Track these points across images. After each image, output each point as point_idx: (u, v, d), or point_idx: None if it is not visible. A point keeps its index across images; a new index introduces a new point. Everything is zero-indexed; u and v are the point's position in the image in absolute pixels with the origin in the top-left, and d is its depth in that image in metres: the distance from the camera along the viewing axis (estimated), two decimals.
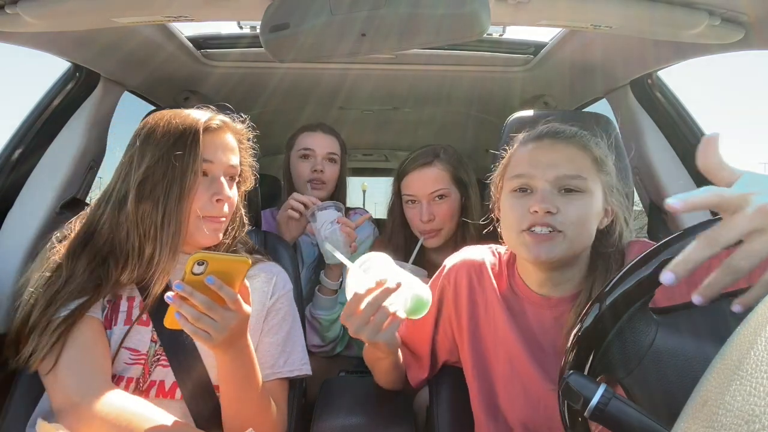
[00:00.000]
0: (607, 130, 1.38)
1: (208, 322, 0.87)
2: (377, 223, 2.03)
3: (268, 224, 1.91)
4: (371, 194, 7.34)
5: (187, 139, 1.02)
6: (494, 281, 1.08)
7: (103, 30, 1.34)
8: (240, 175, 1.14)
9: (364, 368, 1.25)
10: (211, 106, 1.16)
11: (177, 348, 1.03)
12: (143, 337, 1.05)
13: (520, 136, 1.06)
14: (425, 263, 1.69)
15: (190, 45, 1.81)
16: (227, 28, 1.95)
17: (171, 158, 1.01)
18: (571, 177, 0.94)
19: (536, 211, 0.93)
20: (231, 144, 1.10)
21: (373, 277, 0.93)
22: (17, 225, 1.47)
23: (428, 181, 1.59)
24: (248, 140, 1.17)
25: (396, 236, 1.71)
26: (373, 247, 1.81)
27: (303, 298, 1.40)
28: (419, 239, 1.62)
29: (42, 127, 1.56)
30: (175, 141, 1.02)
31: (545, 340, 1.02)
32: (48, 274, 1.02)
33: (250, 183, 1.19)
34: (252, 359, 0.99)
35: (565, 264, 0.99)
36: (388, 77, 2.06)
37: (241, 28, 1.88)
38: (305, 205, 1.61)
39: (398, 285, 0.92)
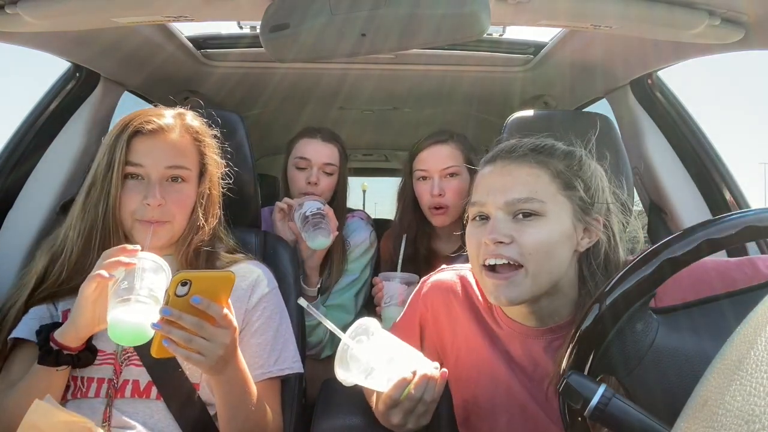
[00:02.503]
0: (607, 130, 1.38)
1: (201, 343, 0.84)
2: (377, 223, 2.02)
3: (265, 224, 1.91)
4: (371, 194, 7.35)
5: (115, 143, 1.04)
6: (472, 308, 1.01)
7: (103, 30, 1.34)
8: (203, 175, 1.12)
9: None
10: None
11: (146, 346, 1.02)
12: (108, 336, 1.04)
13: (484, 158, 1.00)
14: (430, 254, 1.69)
15: (190, 45, 1.81)
16: (227, 28, 1.95)
17: (105, 161, 1.04)
18: (523, 201, 0.86)
19: (486, 243, 0.87)
20: (176, 145, 1.07)
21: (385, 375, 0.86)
22: (17, 225, 1.47)
23: (442, 157, 1.62)
24: (214, 137, 1.15)
25: (406, 216, 1.73)
26: (381, 243, 1.82)
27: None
28: (414, 235, 1.64)
29: (42, 127, 1.56)
30: (110, 144, 1.05)
31: (537, 371, 0.94)
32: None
33: (215, 181, 1.15)
34: (246, 374, 0.98)
35: (543, 297, 0.89)
36: (388, 77, 2.06)
37: (241, 28, 1.88)
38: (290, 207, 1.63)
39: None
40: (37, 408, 0.86)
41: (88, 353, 0.98)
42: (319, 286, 1.67)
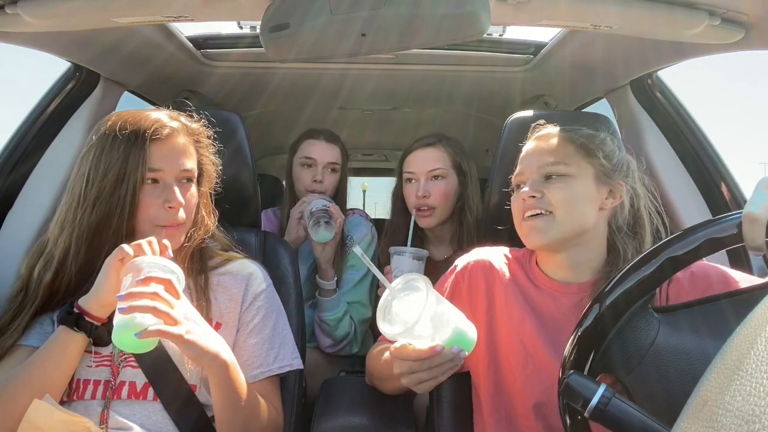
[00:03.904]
0: (607, 131, 1.38)
1: (166, 309, 0.86)
2: (376, 223, 2.03)
3: (270, 224, 1.93)
4: (371, 194, 7.35)
5: (131, 149, 1.01)
6: (509, 276, 1.12)
7: (103, 30, 1.34)
8: (201, 175, 1.13)
9: (364, 368, 1.24)
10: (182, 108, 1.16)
11: None
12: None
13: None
14: (426, 262, 1.70)
15: (190, 45, 1.81)
16: (227, 28, 1.95)
17: (117, 168, 1.01)
18: (552, 164, 1.05)
19: (524, 199, 1.05)
20: (184, 147, 1.07)
21: (427, 335, 0.86)
22: (17, 225, 1.47)
23: (428, 160, 1.65)
24: (208, 137, 1.15)
25: (397, 219, 1.75)
26: (377, 246, 1.84)
27: (303, 298, 1.40)
28: (403, 237, 1.64)
29: (42, 127, 1.56)
30: (122, 151, 1.01)
31: (566, 326, 1.02)
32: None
33: (212, 181, 1.16)
34: (236, 366, 0.98)
35: (572, 245, 1.04)
36: (388, 77, 2.06)
37: (241, 28, 1.88)
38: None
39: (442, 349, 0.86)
40: (36, 408, 0.86)
41: (105, 329, 0.97)
42: (335, 278, 1.72)
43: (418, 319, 0.82)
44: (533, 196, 1.04)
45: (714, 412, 0.30)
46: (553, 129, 1.12)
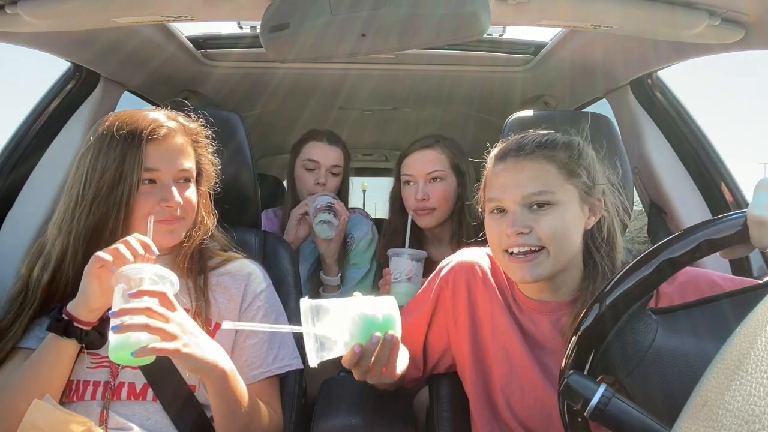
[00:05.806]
0: (607, 131, 1.38)
1: (162, 325, 0.85)
2: (376, 222, 2.03)
3: (270, 224, 1.92)
4: (371, 194, 7.35)
5: (128, 150, 1.01)
6: (493, 283, 1.09)
7: (103, 30, 1.34)
8: (200, 175, 1.13)
9: None
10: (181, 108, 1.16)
11: None
12: (103, 339, 1.02)
13: (490, 154, 1.07)
14: (426, 263, 1.69)
15: (190, 45, 1.81)
16: (227, 28, 1.95)
17: (114, 168, 1.00)
18: (537, 194, 0.96)
19: (508, 235, 0.96)
20: (182, 147, 1.07)
21: (338, 346, 0.88)
22: (17, 225, 1.47)
23: (427, 162, 1.63)
24: (206, 137, 1.14)
25: (395, 220, 1.75)
26: (377, 245, 1.84)
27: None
28: (414, 222, 1.64)
29: (42, 127, 1.56)
30: (119, 152, 1.01)
31: (546, 342, 1.02)
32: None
33: (211, 180, 1.16)
34: (235, 373, 0.97)
35: (559, 273, 0.99)
36: (388, 77, 2.06)
37: (241, 28, 1.88)
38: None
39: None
40: (36, 408, 0.86)
41: (96, 333, 0.96)
42: (339, 274, 1.73)
43: (313, 330, 0.84)
44: (522, 233, 0.94)
45: (714, 412, 0.30)
46: (526, 145, 1.00)
